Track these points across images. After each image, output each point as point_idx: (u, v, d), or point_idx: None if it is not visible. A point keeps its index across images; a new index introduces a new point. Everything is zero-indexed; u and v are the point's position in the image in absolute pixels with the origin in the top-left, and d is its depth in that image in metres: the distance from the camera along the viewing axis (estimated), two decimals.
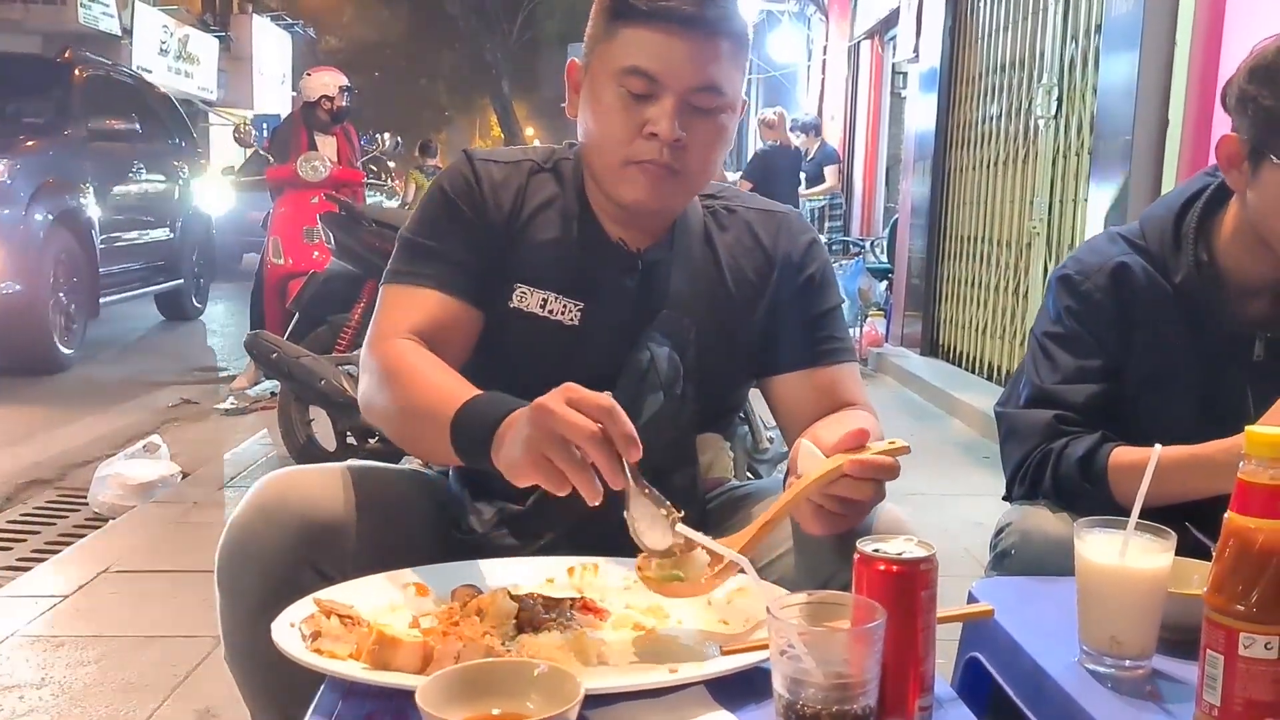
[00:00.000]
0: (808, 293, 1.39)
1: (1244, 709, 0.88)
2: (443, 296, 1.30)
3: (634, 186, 1.27)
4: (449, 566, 1.18)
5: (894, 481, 1.09)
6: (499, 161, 1.37)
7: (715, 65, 1.24)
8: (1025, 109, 5.55)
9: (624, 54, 1.24)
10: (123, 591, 2.78)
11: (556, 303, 1.32)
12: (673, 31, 1.22)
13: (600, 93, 1.26)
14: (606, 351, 1.30)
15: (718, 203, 1.42)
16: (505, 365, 1.33)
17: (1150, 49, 3.91)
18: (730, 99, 1.27)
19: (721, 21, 1.24)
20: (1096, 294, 1.47)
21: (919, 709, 0.90)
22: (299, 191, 5.38)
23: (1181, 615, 1.02)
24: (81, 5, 15.94)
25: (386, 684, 0.92)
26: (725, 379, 1.40)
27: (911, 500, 3.73)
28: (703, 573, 1.05)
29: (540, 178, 1.37)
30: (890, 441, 1.10)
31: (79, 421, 5.01)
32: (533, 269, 1.33)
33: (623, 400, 1.26)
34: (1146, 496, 1.07)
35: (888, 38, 9.53)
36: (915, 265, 7.03)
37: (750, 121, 15.28)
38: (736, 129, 1.34)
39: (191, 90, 21.12)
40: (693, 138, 1.24)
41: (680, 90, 1.23)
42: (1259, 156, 1.33)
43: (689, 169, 1.27)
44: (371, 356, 1.28)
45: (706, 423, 1.38)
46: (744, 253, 1.39)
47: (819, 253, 1.42)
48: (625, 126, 1.24)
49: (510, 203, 1.34)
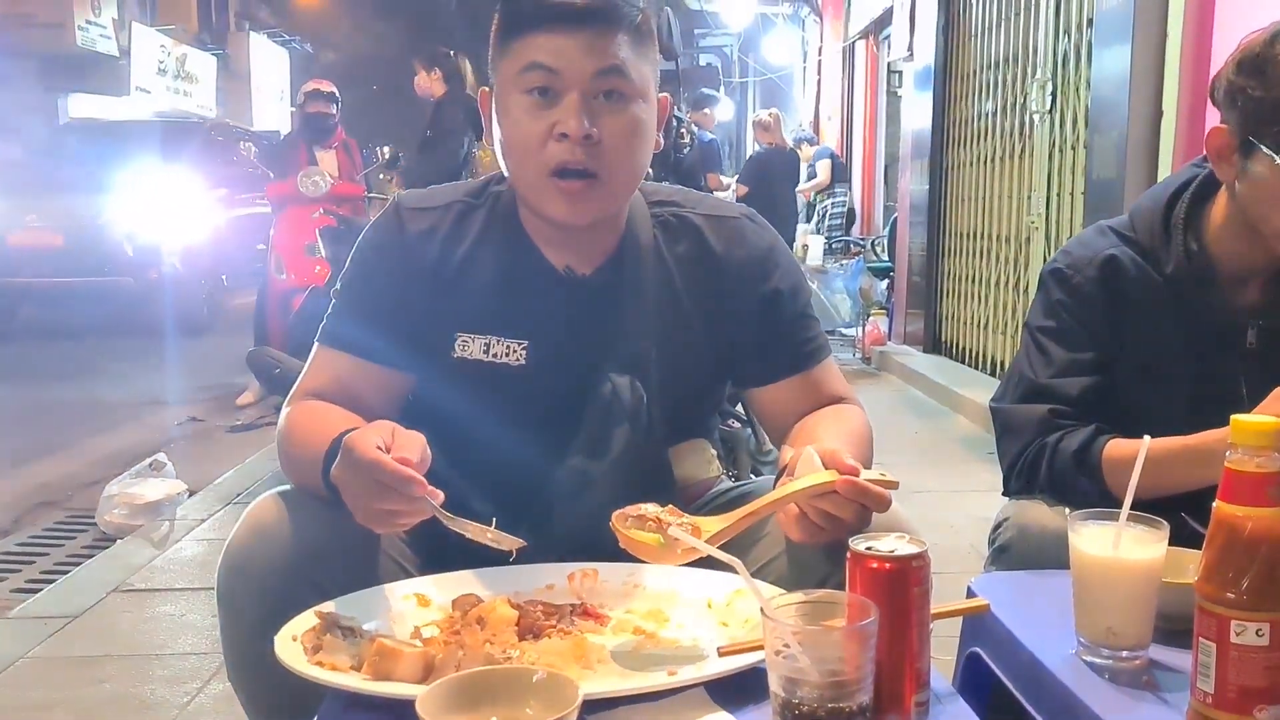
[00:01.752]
0: (775, 303, 1.35)
1: (1237, 696, 0.89)
2: (359, 360, 1.30)
3: (556, 203, 1.24)
4: (448, 576, 1.19)
5: (899, 478, 1.09)
6: (426, 209, 1.34)
7: (614, 51, 1.22)
8: (1020, 104, 5.55)
9: (522, 56, 1.22)
10: (132, 611, 2.79)
11: (499, 345, 1.30)
12: (562, 30, 1.21)
13: (507, 106, 1.25)
14: (560, 388, 1.28)
15: (667, 210, 1.37)
16: (456, 415, 1.31)
17: (1142, 41, 3.91)
18: (638, 85, 1.24)
19: (614, 11, 1.22)
20: (1087, 287, 1.48)
21: (915, 705, 0.90)
22: (300, 207, 5.39)
23: (1177, 605, 1.03)
24: (79, 28, 16.02)
25: (388, 694, 0.93)
26: (690, 392, 1.38)
27: (917, 497, 3.73)
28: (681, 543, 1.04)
29: (472, 217, 1.34)
30: (881, 473, 1.10)
31: (85, 442, 5.03)
32: (471, 314, 1.30)
33: (590, 436, 1.27)
34: (1142, 488, 1.07)
35: (882, 37, 9.54)
36: (916, 263, 7.03)
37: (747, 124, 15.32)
38: (661, 127, 1.31)
39: (191, 109, 21.18)
40: (605, 132, 1.22)
41: (581, 82, 1.21)
42: (1249, 148, 1.33)
43: (607, 169, 1.23)
44: (285, 415, 1.30)
45: (680, 435, 1.37)
46: (695, 263, 1.35)
47: (779, 258, 1.38)
48: (534, 132, 1.22)
49: (439, 251, 1.31)
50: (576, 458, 1.28)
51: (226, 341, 7.79)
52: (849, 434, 1.26)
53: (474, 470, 1.28)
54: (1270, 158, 1.30)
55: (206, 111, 22.14)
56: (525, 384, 1.29)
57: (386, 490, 1.04)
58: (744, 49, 13.94)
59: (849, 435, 1.25)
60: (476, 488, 1.26)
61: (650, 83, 1.28)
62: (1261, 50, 1.32)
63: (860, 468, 1.07)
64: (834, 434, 1.23)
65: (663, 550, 1.05)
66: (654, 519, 1.06)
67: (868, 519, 1.08)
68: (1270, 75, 1.29)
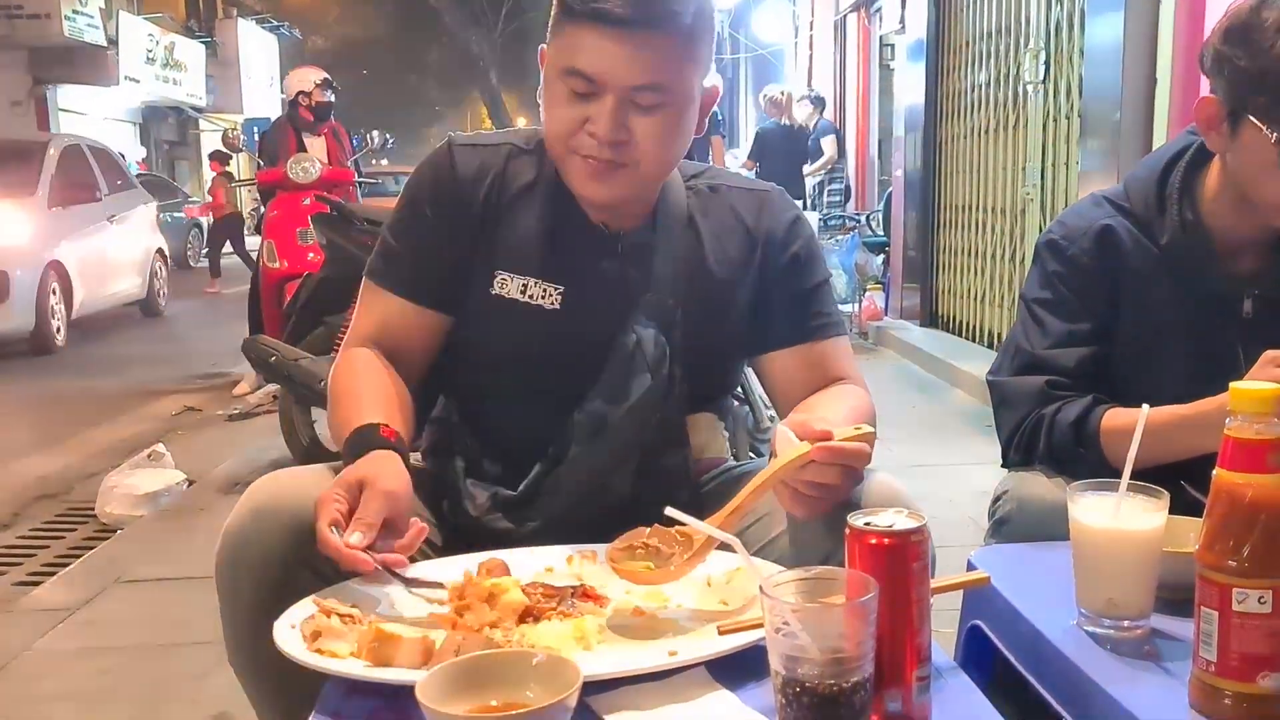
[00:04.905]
0: (794, 269, 1.38)
1: (1240, 663, 0.89)
2: (407, 304, 1.34)
3: (578, 177, 1.28)
4: (446, 560, 1.19)
5: (899, 453, 1.09)
6: (478, 146, 1.38)
7: (657, 63, 1.22)
8: (1014, 75, 5.53)
9: (567, 53, 1.23)
10: (133, 601, 2.80)
11: (536, 287, 1.33)
12: (609, 34, 1.20)
13: (550, 85, 1.27)
14: (589, 335, 1.31)
15: (701, 182, 1.42)
16: (490, 353, 1.34)
17: (1135, 8, 3.90)
18: (678, 95, 1.25)
19: (663, 19, 1.21)
20: (1083, 258, 1.47)
21: (916, 679, 0.90)
22: (291, 194, 5.37)
23: (1178, 574, 1.02)
24: (66, 18, 15.91)
25: (387, 680, 0.93)
26: (714, 359, 1.40)
27: (916, 471, 3.73)
28: (673, 560, 1.08)
29: (520, 161, 1.37)
30: (857, 427, 1.11)
31: (83, 434, 5.03)
32: (512, 255, 1.33)
33: (611, 382, 1.29)
34: (1141, 457, 1.07)
35: (873, 10, 9.49)
36: (911, 237, 7.02)
37: (741, 99, 15.26)
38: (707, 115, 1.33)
39: (180, 98, 21.09)
40: (638, 133, 1.24)
41: (619, 91, 1.22)
42: (1237, 118, 1.32)
43: (637, 161, 1.26)
44: (336, 361, 1.35)
45: (697, 404, 1.39)
46: (727, 233, 1.39)
47: (803, 229, 1.42)
48: (567, 121, 1.25)
49: (487, 189, 1.35)
50: (595, 402, 1.30)
51: (221, 330, 7.79)
52: (846, 412, 1.25)
53: (497, 408, 1.35)
54: (1258, 127, 1.29)
55: (196, 100, 22.01)
56: (557, 328, 1.32)
57: None
58: (734, 25, 13.86)
59: (846, 413, 1.25)
60: (498, 426, 1.35)
61: (694, 84, 1.28)
62: (1247, 18, 1.30)
63: (833, 431, 1.07)
64: (831, 411, 1.23)
65: (655, 574, 1.08)
66: (642, 545, 1.09)
67: (856, 476, 1.10)
68: (1255, 43, 1.28)
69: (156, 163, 20.84)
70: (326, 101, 5.78)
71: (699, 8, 1.24)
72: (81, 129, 18.29)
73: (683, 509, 1.04)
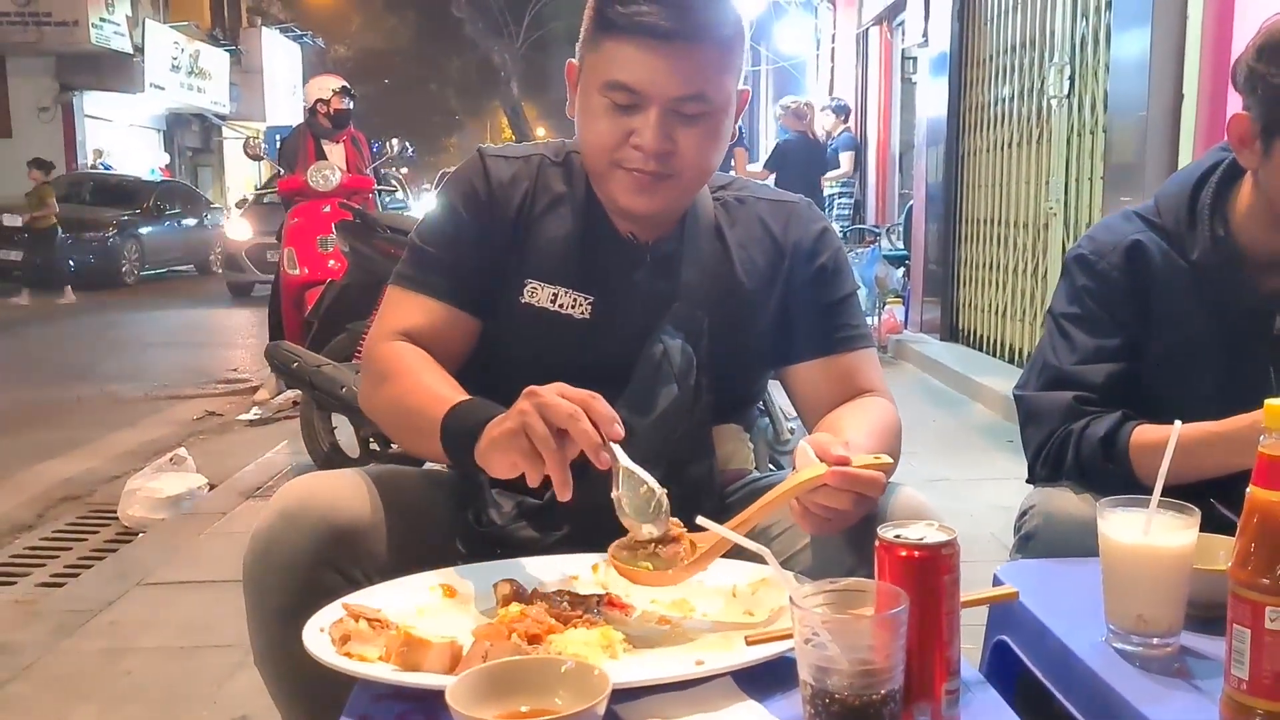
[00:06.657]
0: (821, 281, 1.39)
1: (1273, 682, 0.88)
2: (441, 305, 1.34)
3: (623, 190, 1.29)
4: (475, 567, 1.19)
5: (918, 468, 1.09)
6: (509, 157, 1.39)
7: (699, 74, 1.24)
8: (1038, 89, 5.51)
9: (607, 67, 1.24)
10: (154, 604, 2.81)
11: (567, 296, 1.34)
12: (651, 46, 1.21)
13: (589, 100, 1.28)
14: (618, 344, 1.31)
15: (728, 194, 1.42)
16: (518, 360, 1.34)
17: (1162, 23, 3.88)
18: (718, 104, 1.27)
19: (703, 30, 1.23)
20: (1113, 273, 1.46)
21: (945, 693, 0.89)
22: (311, 201, 5.40)
23: (1208, 591, 1.02)
24: (93, 25, 16.10)
25: (416, 685, 0.93)
26: (740, 370, 1.40)
27: (935, 486, 3.72)
28: (674, 563, 1.07)
29: (550, 172, 1.38)
30: (876, 456, 1.10)
31: (106, 438, 5.07)
32: (542, 264, 1.34)
33: (637, 392, 1.29)
34: (1170, 474, 1.06)
35: (896, 23, 9.47)
36: (932, 250, 7.00)
37: (762, 110, 15.26)
38: (741, 117, 1.34)
39: (205, 105, 21.28)
40: (681, 144, 1.25)
41: (663, 101, 1.23)
42: (1270, 135, 1.32)
43: (680, 171, 1.27)
44: (371, 356, 1.34)
45: (723, 414, 1.39)
46: (754, 244, 1.39)
47: (831, 240, 1.42)
48: (611, 134, 1.26)
49: (520, 199, 1.36)
50: (622, 411, 1.29)
51: (242, 336, 7.85)
52: (871, 426, 1.25)
53: None
54: None
55: (220, 107, 22.19)
56: (586, 337, 1.33)
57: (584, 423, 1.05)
58: (756, 37, 13.87)
59: (871, 427, 1.24)
60: None
61: (732, 92, 1.30)
62: None
63: (850, 456, 1.06)
64: (855, 426, 1.23)
65: (654, 574, 1.08)
66: (644, 545, 1.09)
67: (867, 505, 1.08)
68: None
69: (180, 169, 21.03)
70: (344, 109, 5.83)
71: (735, 17, 1.27)
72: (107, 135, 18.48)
73: (708, 519, 1.04)
